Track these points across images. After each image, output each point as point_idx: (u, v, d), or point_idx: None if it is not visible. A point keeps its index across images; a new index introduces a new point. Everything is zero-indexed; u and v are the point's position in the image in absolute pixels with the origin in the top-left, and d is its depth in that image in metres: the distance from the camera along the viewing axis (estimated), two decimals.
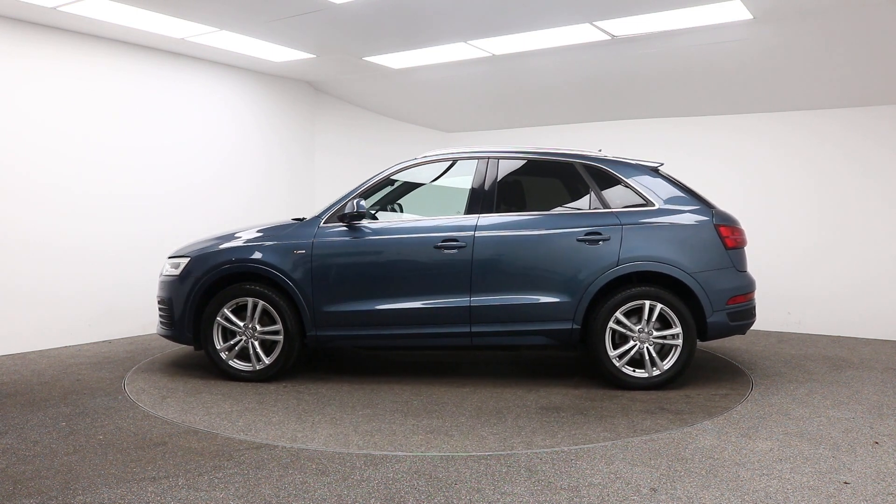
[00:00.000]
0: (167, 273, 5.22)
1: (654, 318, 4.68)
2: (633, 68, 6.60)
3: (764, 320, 6.60)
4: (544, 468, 3.28)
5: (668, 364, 4.69)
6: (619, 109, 7.74)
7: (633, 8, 5.17)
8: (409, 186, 5.41)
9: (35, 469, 3.26)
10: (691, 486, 3.06)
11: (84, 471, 3.24)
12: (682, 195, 4.88)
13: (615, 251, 4.70)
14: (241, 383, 4.88)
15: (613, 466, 3.30)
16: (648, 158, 5.24)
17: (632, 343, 4.71)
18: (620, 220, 4.77)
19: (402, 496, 2.96)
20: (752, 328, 5.33)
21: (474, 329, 4.79)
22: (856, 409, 4.30)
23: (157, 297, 5.29)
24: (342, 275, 4.90)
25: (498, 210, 4.93)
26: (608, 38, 5.87)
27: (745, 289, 4.83)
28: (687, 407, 4.30)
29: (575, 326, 4.73)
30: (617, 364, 4.72)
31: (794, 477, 3.18)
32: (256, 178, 7.77)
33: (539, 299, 4.74)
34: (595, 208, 4.87)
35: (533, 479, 3.14)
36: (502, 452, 3.50)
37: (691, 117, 7.57)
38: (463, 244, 4.79)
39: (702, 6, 5.06)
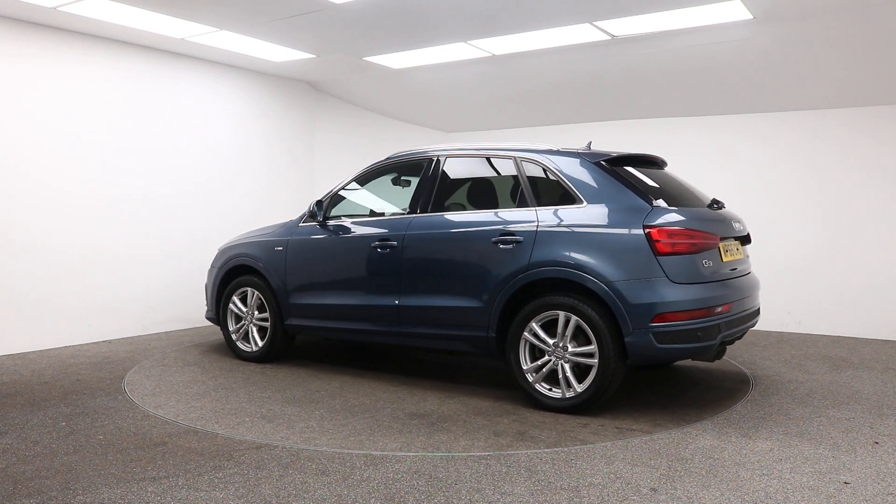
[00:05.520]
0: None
1: (569, 332, 4.11)
2: (633, 68, 6.60)
3: (764, 320, 6.60)
4: (544, 468, 3.28)
5: (582, 386, 4.08)
6: (619, 109, 7.74)
7: (633, 8, 5.17)
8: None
9: (35, 469, 3.26)
10: (691, 486, 3.06)
11: (84, 471, 3.24)
12: (619, 190, 4.19)
13: (527, 254, 4.23)
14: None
15: (613, 466, 3.30)
16: (627, 151, 4.70)
17: (546, 358, 4.20)
18: (538, 219, 4.30)
19: (402, 496, 2.96)
20: (750, 332, 5.08)
21: (403, 329, 4.78)
22: (856, 409, 4.30)
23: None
24: (304, 270, 5.31)
25: (434, 209, 4.79)
26: (608, 38, 5.87)
27: (683, 305, 3.92)
28: (570, 434, 3.86)
29: (490, 334, 4.39)
30: (531, 379, 4.25)
31: (794, 477, 3.18)
32: (258, 178, 7.77)
33: (456, 303, 4.52)
34: (521, 206, 4.44)
35: (533, 479, 3.14)
36: (503, 452, 3.50)
37: (691, 117, 7.57)
38: (395, 244, 4.80)
39: (702, 6, 5.06)
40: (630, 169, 4.48)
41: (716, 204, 4.61)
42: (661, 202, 4.20)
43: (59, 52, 6.03)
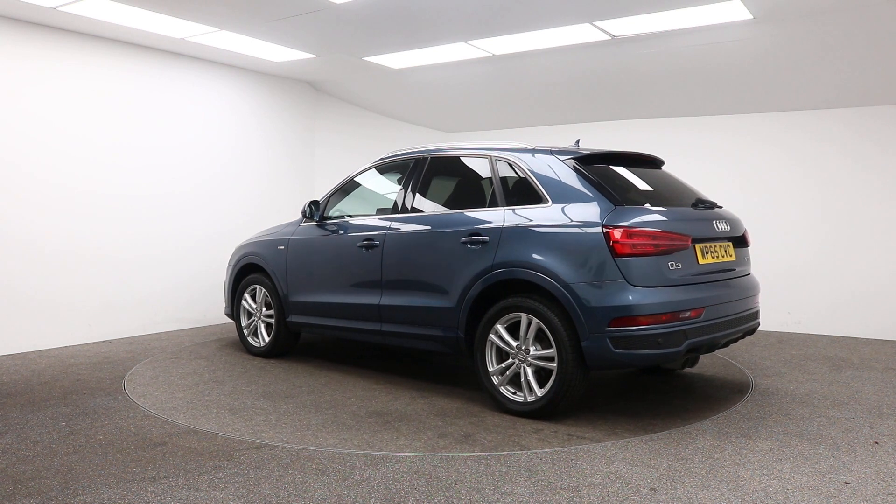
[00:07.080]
0: None
1: (530, 335, 4.02)
2: (633, 68, 6.60)
3: (764, 320, 6.59)
4: (544, 468, 3.28)
5: (543, 390, 3.98)
6: (619, 109, 7.74)
7: (633, 8, 5.17)
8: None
9: (35, 469, 3.26)
10: (691, 486, 3.06)
11: (84, 471, 3.24)
12: (586, 189, 4.03)
13: (491, 255, 4.17)
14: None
15: (613, 466, 3.30)
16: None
17: (510, 360, 4.13)
18: (505, 219, 4.23)
19: (402, 496, 2.96)
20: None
21: (384, 328, 4.84)
22: (856, 409, 4.30)
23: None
24: (302, 268, 5.43)
25: (415, 209, 4.81)
26: (608, 38, 5.87)
27: (642, 309, 3.72)
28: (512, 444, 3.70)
29: (459, 335, 4.36)
30: (496, 382, 4.18)
31: (794, 477, 3.18)
32: (258, 178, 7.77)
33: (430, 303, 4.52)
34: (492, 206, 4.37)
35: (533, 479, 3.14)
36: (503, 452, 3.50)
37: (691, 117, 7.57)
38: (377, 243, 4.86)
39: (702, 6, 5.06)
40: (616, 168, 4.37)
41: (701, 204, 4.37)
42: (647, 203, 4.10)
43: (59, 52, 6.03)
